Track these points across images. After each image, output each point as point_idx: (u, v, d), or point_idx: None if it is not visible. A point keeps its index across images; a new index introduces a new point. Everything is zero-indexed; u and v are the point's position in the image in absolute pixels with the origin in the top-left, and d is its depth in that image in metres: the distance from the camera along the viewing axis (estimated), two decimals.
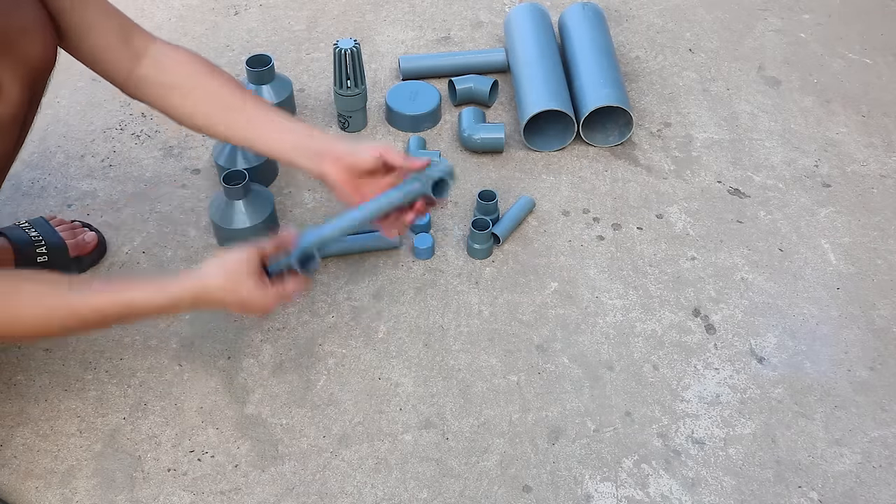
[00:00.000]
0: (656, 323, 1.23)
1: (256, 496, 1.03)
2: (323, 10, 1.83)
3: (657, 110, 1.58)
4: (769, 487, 1.04)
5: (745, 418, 1.11)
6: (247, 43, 1.73)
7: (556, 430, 1.10)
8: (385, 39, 1.75)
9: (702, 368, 1.17)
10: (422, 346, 1.19)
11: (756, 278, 1.29)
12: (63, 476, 1.05)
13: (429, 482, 1.05)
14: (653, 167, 1.47)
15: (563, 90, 1.49)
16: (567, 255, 1.32)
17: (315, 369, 1.16)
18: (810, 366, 1.18)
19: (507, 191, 1.42)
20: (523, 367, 1.17)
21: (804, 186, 1.44)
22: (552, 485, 1.04)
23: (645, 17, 1.82)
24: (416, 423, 1.10)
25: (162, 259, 1.30)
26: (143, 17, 1.80)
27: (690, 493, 1.04)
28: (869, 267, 1.31)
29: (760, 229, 1.37)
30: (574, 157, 1.49)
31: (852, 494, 1.04)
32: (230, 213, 1.27)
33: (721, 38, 1.76)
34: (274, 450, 1.08)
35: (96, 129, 1.53)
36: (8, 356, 1.17)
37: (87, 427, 1.10)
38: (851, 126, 1.55)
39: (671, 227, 1.37)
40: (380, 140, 1.51)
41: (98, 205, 1.39)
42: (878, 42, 1.76)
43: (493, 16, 1.81)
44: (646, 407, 1.12)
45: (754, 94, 1.62)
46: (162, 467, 1.06)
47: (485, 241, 1.29)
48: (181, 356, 1.18)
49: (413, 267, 1.30)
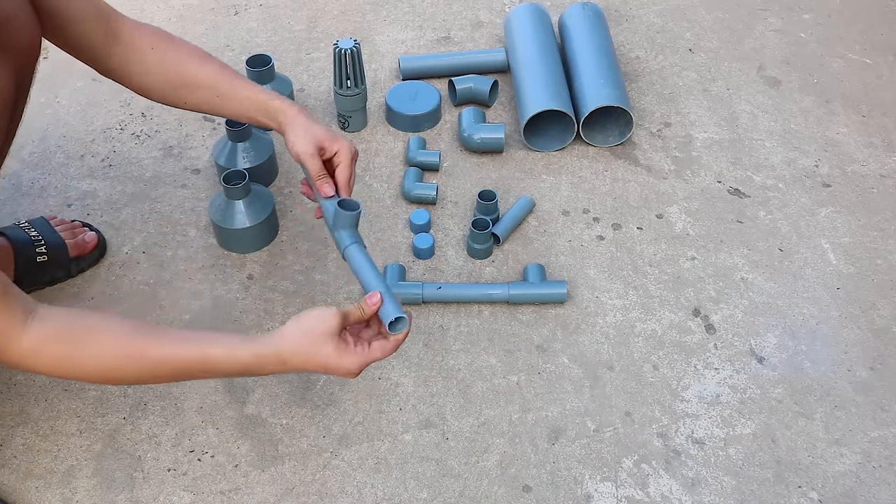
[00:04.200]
0: (656, 323, 1.23)
1: (256, 496, 1.03)
2: (323, 10, 1.83)
3: (657, 110, 1.58)
4: (769, 487, 1.04)
5: (745, 418, 1.11)
6: (247, 43, 1.73)
7: (556, 430, 1.10)
8: (385, 39, 1.75)
9: (702, 368, 1.17)
10: (422, 346, 1.19)
11: (756, 278, 1.29)
12: (63, 476, 1.05)
13: (429, 482, 1.05)
14: (653, 167, 1.47)
15: (563, 90, 1.49)
16: (567, 255, 1.32)
17: None
18: (810, 366, 1.18)
19: (507, 191, 1.42)
20: (523, 367, 1.17)
21: (804, 186, 1.44)
22: (552, 485, 1.04)
23: (645, 17, 1.82)
24: (416, 423, 1.11)
25: (162, 259, 1.30)
26: (143, 16, 1.80)
27: (690, 493, 1.04)
28: (869, 267, 1.31)
29: (760, 229, 1.37)
30: (574, 157, 1.49)
31: (852, 494, 1.04)
32: (230, 213, 1.27)
33: (721, 38, 1.76)
34: (274, 450, 1.08)
35: (96, 129, 1.53)
36: None
37: (87, 427, 1.10)
38: (851, 126, 1.55)
39: (671, 227, 1.37)
40: (379, 140, 1.51)
41: (98, 205, 1.39)
42: (878, 42, 1.76)
43: (493, 16, 1.81)
44: (646, 407, 1.12)
45: (754, 94, 1.62)
46: (162, 467, 1.06)
47: (485, 241, 1.29)
48: None
49: (413, 267, 1.30)
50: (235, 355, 0.89)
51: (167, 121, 1.54)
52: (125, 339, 0.89)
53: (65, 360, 0.87)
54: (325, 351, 0.88)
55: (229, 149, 1.36)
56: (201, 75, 1.11)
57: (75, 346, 0.87)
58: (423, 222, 1.33)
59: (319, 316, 0.89)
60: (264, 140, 1.40)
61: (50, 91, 1.59)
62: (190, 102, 1.13)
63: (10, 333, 0.84)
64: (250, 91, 1.11)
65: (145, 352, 0.88)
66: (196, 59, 1.12)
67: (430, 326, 1.22)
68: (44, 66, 1.06)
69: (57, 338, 0.87)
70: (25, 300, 0.87)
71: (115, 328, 0.90)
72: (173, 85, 1.12)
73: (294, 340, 0.88)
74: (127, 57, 1.10)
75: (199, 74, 1.11)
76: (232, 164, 1.35)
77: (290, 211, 1.38)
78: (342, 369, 0.89)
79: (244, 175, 1.26)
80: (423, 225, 1.33)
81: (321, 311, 0.90)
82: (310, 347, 0.88)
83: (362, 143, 1.51)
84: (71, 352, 0.87)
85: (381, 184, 1.42)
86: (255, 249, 1.32)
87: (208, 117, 1.54)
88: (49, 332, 0.86)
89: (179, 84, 1.12)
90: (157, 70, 1.11)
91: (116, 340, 0.89)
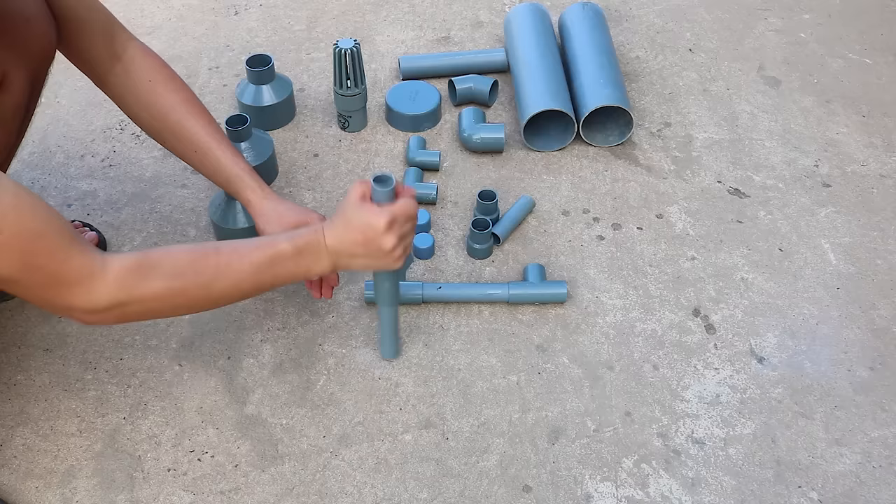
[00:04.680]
0: (656, 323, 1.23)
1: (256, 496, 1.03)
2: (323, 10, 1.83)
3: (657, 110, 1.58)
4: (769, 487, 1.04)
5: (745, 418, 1.11)
6: (247, 43, 1.73)
7: (556, 430, 1.10)
8: (385, 39, 1.75)
9: (702, 368, 1.17)
10: (422, 346, 1.19)
11: (756, 278, 1.29)
12: (63, 476, 1.05)
13: (429, 482, 1.05)
14: (653, 167, 1.47)
15: (563, 90, 1.49)
16: (567, 255, 1.32)
17: (315, 369, 1.16)
18: (810, 366, 1.18)
19: (507, 191, 1.42)
20: (523, 367, 1.17)
21: (804, 186, 1.44)
22: (552, 485, 1.04)
23: (645, 17, 1.82)
24: (416, 423, 1.11)
25: None
26: (143, 16, 1.80)
27: (690, 493, 1.04)
28: (869, 267, 1.31)
29: (760, 229, 1.37)
30: (574, 157, 1.49)
31: (852, 494, 1.04)
32: (230, 213, 1.27)
33: (721, 38, 1.76)
34: (274, 450, 1.08)
35: (96, 129, 1.53)
36: (8, 356, 1.18)
37: (87, 427, 1.10)
38: (851, 126, 1.55)
39: (671, 227, 1.37)
40: (379, 140, 1.51)
41: (98, 205, 1.39)
42: (878, 42, 1.76)
43: (493, 16, 1.81)
44: (646, 407, 1.12)
45: (754, 94, 1.62)
46: (162, 467, 1.06)
47: (485, 241, 1.29)
48: (181, 356, 1.18)
49: (413, 267, 1.29)
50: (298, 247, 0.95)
51: None
52: (196, 248, 0.94)
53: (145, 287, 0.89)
54: (357, 212, 0.94)
55: None
56: (185, 128, 1.11)
57: (154, 268, 0.89)
58: (423, 222, 1.33)
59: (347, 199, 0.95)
60: (264, 140, 1.40)
61: (50, 91, 1.59)
62: (169, 146, 1.15)
63: (92, 271, 0.85)
64: (227, 161, 1.12)
65: (219, 251, 0.93)
66: (185, 110, 1.12)
67: (430, 326, 1.22)
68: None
69: (136, 265, 0.88)
70: (93, 248, 0.88)
71: (185, 246, 0.96)
72: (156, 126, 1.13)
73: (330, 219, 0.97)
74: (122, 79, 1.11)
75: (184, 126, 1.11)
76: None
77: None
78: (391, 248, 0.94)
79: None
80: (423, 225, 1.33)
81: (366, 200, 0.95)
82: (343, 215, 0.95)
83: (362, 142, 1.51)
84: (150, 276, 0.89)
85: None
86: None
87: None
88: (128, 262, 0.88)
89: (161, 127, 1.12)
90: (146, 105, 1.11)
91: (190, 253, 0.93)
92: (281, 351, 1.18)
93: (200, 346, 1.19)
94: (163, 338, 1.20)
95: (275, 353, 1.18)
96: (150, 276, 0.89)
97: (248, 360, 1.18)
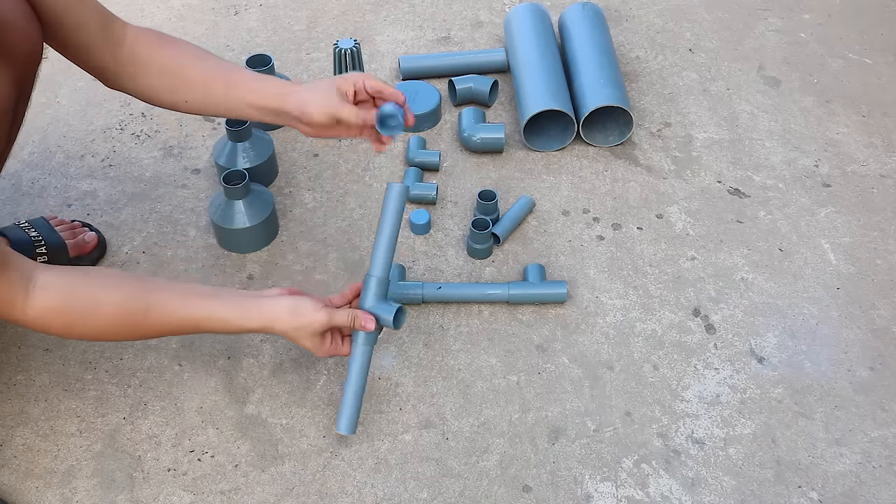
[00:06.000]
0: (656, 323, 1.23)
1: (256, 496, 1.03)
2: (323, 10, 1.83)
3: (657, 110, 1.58)
4: (769, 487, 1.04)
5: (745, 418, 1.11)
6: (247, 43, 1.73)
7: (556, 430, 1.10)
8: (385, 39, 1.75)
9: (702, 368, 1.17)
10: (422, 346, 1.19)
11: (756, 278, 1.29)
12: (63, 476, 1.05)
13: (429, 482, 1.05)
14: (653, 167, 1.47)
15: (563, 90, 1.49)
16: (567, 255, 1.32)
17: (315, 369, 1.16)
18: (810, 366, 1.18)
19: (507, 191, 1.42)
20: (523, 367, 1.17)
21: (804, 186, 1.44)
22: (552, 485, 1.04)
23: (645, 17, 1.82)
24: (416, 423, 1.11)
25: (162, 259, 1.30)
26: (144, 16, 1.80)
27: (690, 493, 1.04)
28: (869, 267, 1.31)
29: (760, 229, 1.37)
30: (574, 157, 1.49)
31: (852, 494, 1.04)
32: (230, 213, 1.27)
33: (721, 38, 1.76)
34: (274, 450, 1.08)
35: (96, 129, 1.53)
36: (8, 356, 1.18)
37: (87, 427, 1.10)
38: (851, 126, 1.56)
39: (671, 227, 1.37)
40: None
41: (98, 205, 1.39)
42: (878, 42, 1.76)
43: (493, 16, 1.81)
44: (646, 407, 1.12)
45: (754, 94, 1.62)
46: (162, 467, 1.06)
47: (485, 241, 1.29)
48: (181, 356, 1.18)
49: (413, 267, 1.30)
50: (229, 322, 1.00)
51: (167, 121, 1.54)
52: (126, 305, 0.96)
53: (68, 329, 0.95)
54: (306, 342, 1.03)
55: (229, 149, 1.36)
56: (202, 71, 1.11)
57: (78, 318, 0.94)
58: (423, 222, 1.33)
59: (313, 315, 1.01)
60: (264, 140, 1.40)
61: (50, 91, 1.59)
62: (192, 101, 1.12)
63: (14, 304, 0.91)
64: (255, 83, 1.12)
65: (148, 317, 0.97)
66: (199, 56, 1.13)
67: (430, 326, 1.22)
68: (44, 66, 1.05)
69: (59, 311, 0.93)
70: (24, 268, 0.92)
71: (115, 297, 0.96)
72: (174, 85, 1.11)
73: (285, 324, 1.01)
74: (131, 60, 1.10)
75: (200, 70, 1.11)
76: (232, 164, 1.35)
77: (290, 211, 1.38)
78: (314, 352, 1.05)
79: (244, 175, 1.26)
80: (424, 225, 1.33)
81: (315, 311, 1.01)
82: (294, 334, 1.02)
83: (362, 142, 1.51)
84: (74, 322, 0.94)
85: (381, 184, 1.42)
86: (255, 249, 1.32)
87: (208, 117, 1.54)
88: (51, 303, 0.92)
89: (180, 83, 1.11)
90: (160, 70, 1.11)
91: (118, 310, 0.96)
92: (281, 351, 1.19)
93: (200, 346, 1.19)
94: (163, 338, 1.20)
95: (275, 353, 1.18)
96: (72, 326, 0.95)
97: (248, 360, 1.18)
